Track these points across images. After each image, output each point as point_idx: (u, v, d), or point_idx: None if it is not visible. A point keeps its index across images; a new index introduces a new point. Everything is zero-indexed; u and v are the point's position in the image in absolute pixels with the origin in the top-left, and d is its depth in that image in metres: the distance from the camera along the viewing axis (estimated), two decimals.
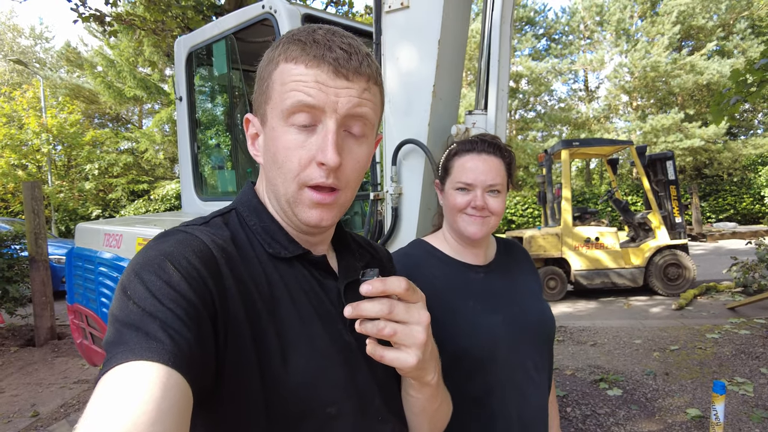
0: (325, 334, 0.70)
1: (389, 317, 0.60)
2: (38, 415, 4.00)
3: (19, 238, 6.61)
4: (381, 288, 0.60)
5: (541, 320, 1.27)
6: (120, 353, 0.50)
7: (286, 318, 0.68)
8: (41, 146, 17.18)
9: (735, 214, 20.04)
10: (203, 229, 0.69)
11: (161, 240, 0.64)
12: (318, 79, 0.65)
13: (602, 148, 8.80)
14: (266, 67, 0.70)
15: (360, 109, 0.67)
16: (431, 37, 1.98)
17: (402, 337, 0.61)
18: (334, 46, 0.66)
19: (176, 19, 6.90)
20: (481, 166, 1.19)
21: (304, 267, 0.75)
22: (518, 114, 25.79)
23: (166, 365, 0.49)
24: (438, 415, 0.83)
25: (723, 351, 4.92)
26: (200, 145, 3.64)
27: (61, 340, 6.14)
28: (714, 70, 20.30)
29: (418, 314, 0.62)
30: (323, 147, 0.65)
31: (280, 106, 0.67)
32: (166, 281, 0.57)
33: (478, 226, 1.20)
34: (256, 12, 2.81)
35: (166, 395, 0.47)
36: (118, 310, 0.55)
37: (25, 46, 32.49)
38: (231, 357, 0.61)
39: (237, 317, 0.63)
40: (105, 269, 3.13)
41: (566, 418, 3.68)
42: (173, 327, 0.53)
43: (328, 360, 0.69)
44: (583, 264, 7.90)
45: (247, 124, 0.76)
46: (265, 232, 0.74)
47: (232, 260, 0.66)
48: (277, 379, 0.64)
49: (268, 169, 0.72)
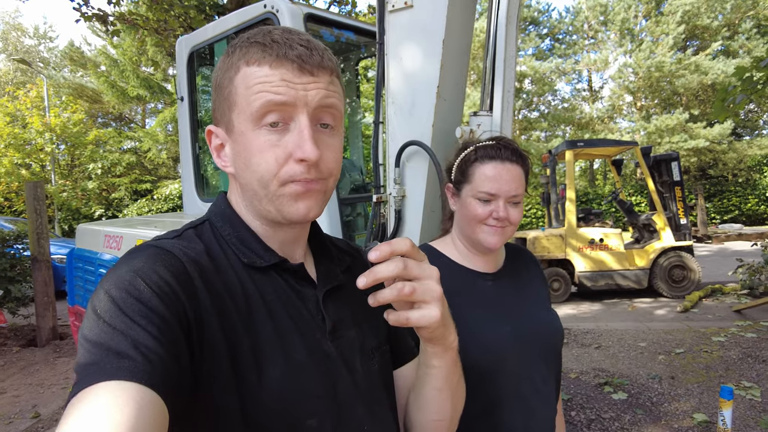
0: (302, 345, 0.69)
1: (404, 275, 0.60)
2: (39, 416, 3.99)
3: (22, 237, 6.61)
4: (388, 250, 0.60)
5: (550, 331, 1.23)
6: (91, 374, 0.49)
7: (262, 330, 0.66)
8: (45, 145, 17.25)
9: (740, 215, 19.93)
10: (175, 243, 0.67)
11: (131, 256, 0.63)
12: (284, 77, 0.64)
13: (606, 148, 8.77)
14: (225, 74, 0.69)
15: (329, 100, 0.68)
16: (435, 37, 1.95)
17: (421, 293, 0.61)
18: (294, 44, 0.65)
19: (179, 18, 6.89)
20: (505, 176, 1.14)
21: (280, 276, 0.73)
22: (522, 114, 25.72)
23: (140, 384, 0.49)
24: (459, 392, 0.81)
25: (729, 354, 4.87)
26: (202, 145, 3.62)
27: (63, 341, 6.14)
28: (719, 70, 20.15)
29: (429, 269, 0.64)
30: (300, 143, 0.65)
31: (248, 110, 0.65)
32: (136, 298, 0.55)
33: (498, 236, 1.16)
34: (257, 12, 2.78)
35: (140, 415, 0.46)
36: (89, 330, 0.54)
37: (29, 46, 32.66)
38: (207, 371, 0.60)
39: (211, 331, 0.61)
40: (105, 271, 3.11)
41: (570, 422, 3.64)
42: (146, 344, 0.52)
43: (307, 371, 0.67)
44: (587, 265, 7.86)
45: (210, 135, 0.74)
46: (239, 242, 0.72)
47: (206, 273, 0.65)
48: (254, 392, 0.63)
49: (241, 176, 0.70)
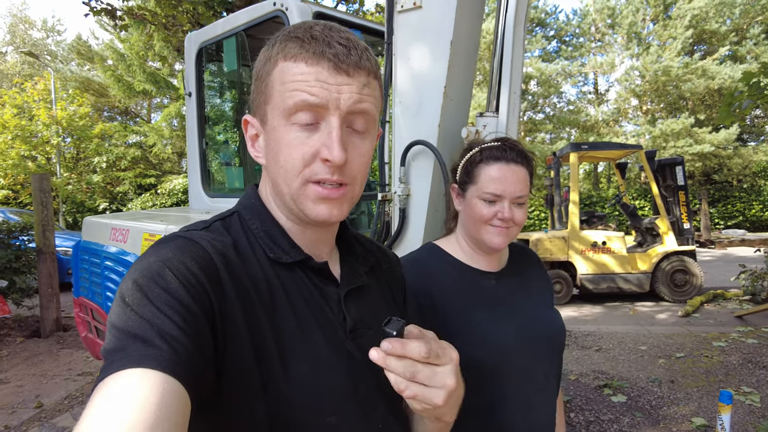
0: (325, 343, 0.69)
1: (412, 379, 0.58)
2: (42, 407, 4.03)
3: (27, 229, 6.65)
4: (400, 351, 0.58)
5: (552, 330, 1.24)
6: (118, 360, 0.50)
7: (285, 325, 0.67)
8: (51, 138, 17.29)
9: (744, 221, 19.85)
10: (203, 234, 0.68)
11: (160, 246, 0.63)
12: (319, 77, 0.64)
13: (611, 151, 8.75)
14: (264, 67, 0.69)
15: (361, 105, 0.67)
16: (444, 38, 1.96)
17: (422, 398, 0.59)
18: (332, 42, 0.64)
19: (187, 14, 6.91)
20: (510, 177, 1.15)
21: (305, 273, 0.73)
22: (527, 116, 25.67)
23: (164, 372, 0.50)
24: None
25: (730, 360, 4.87)
26: (208, 141, 3.64)
27: (67, 332, 6.18)
28: (726, 75, 20.08)
29: (443, 380, 0.60)
30: (328, 144, 0.64)
31: (282, 105, 0.66)
32: (164, 288, 0.56)
33: (503, 237, 1.17)
34: (267, 9, 2.80)
35: (163, 402, 0.47)
36: (117, 318, 0.55)
37: (36, 39, 32.76)
38: (230, 364, 0.60)
39: (236, 324, 0.62)
40: (111, 263, 3.14)
41: (569, 423, 3.65)
42: (171, 334, 0.53)
43: (329, 369, 0.68)
44: (589, 268, 7.86)
45: (246, 125, 0.75)
46: (267, 236, 0.72)
47: (232, 266, 0.65)
48: (277, 386, 0.63)
49: (270, 170, 0.71)
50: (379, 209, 2.26)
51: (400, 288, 0.94)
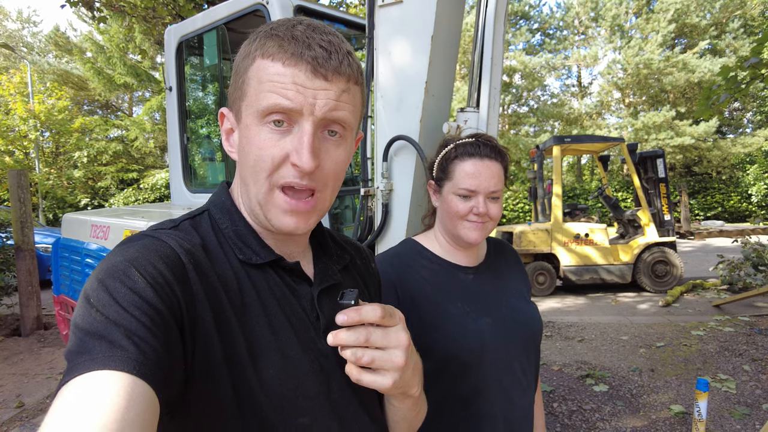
0: (297, 343, 0.68)
1: (367, 345, 0.61)
2: (23, 406, 3.97)
3: (5, 226, 6.52)
4: (356, 318, 0.61)
5: (529, 323, 1.26)
6: (82, 363, 0.48)
7: (256, 325, 0.66)
8: (28, 132, 16.92)
9: (723, 211, 20.30)
10: (171, 234, 0.66)
11: (126, 245, 0.61)
12: (296, 79, 0.62)
13: (594, 144, 8.85)
14: (242, 62, 0.67)
15: (337, 113, 0.64)
16: (424, 33, 1.96)
17: (380, 363, 0.62)
18: (313, 44, 0.62)
19: (167, 6, 6.79)
20: (484, 172, 1.17)
21: (276, 272, 0.72)
22: (511, 109, 25.80)
23: (131, 374, 0.48)
24: (417, 420, 0.84)
25: (707, 348, 4.99)
26: (190, 136, 3.60)
27: (48, 330, 6.08)
28: (705, 69, 20.42)
29: (396, 338, 0.63)
30: (299, 149, 0.63)
31: (256, 105, 0.64)
32: (130, 288, 0.55)
33: (479, 232, 1.19)
34: (248, 2, 2.77)
35: (130, 405, 0.46)
36: (81, 319, 0.53)
37: (11, 30, 31.83)
38: (199, 365, 0.59)
39: (205, 325, 0.60)
40: (91, 260, 3.10)
41: (552, 413, 3.72)
42: (138, 335, 0.51)
43: (300, 369, 0.67)
44: (572, 260, 7.96)
45: (222, 118, 0.74)
46: (236, 236, 0.71)
47: (201, 266, 0.64)
48: (249, 386, 0.62)
49: (241, 168, 0.69)
50: (362, 204, 2.26)
51: (375, 284, 0.94)
